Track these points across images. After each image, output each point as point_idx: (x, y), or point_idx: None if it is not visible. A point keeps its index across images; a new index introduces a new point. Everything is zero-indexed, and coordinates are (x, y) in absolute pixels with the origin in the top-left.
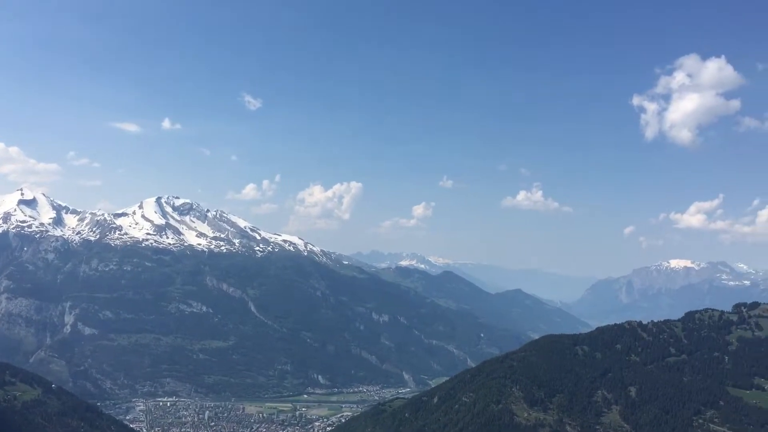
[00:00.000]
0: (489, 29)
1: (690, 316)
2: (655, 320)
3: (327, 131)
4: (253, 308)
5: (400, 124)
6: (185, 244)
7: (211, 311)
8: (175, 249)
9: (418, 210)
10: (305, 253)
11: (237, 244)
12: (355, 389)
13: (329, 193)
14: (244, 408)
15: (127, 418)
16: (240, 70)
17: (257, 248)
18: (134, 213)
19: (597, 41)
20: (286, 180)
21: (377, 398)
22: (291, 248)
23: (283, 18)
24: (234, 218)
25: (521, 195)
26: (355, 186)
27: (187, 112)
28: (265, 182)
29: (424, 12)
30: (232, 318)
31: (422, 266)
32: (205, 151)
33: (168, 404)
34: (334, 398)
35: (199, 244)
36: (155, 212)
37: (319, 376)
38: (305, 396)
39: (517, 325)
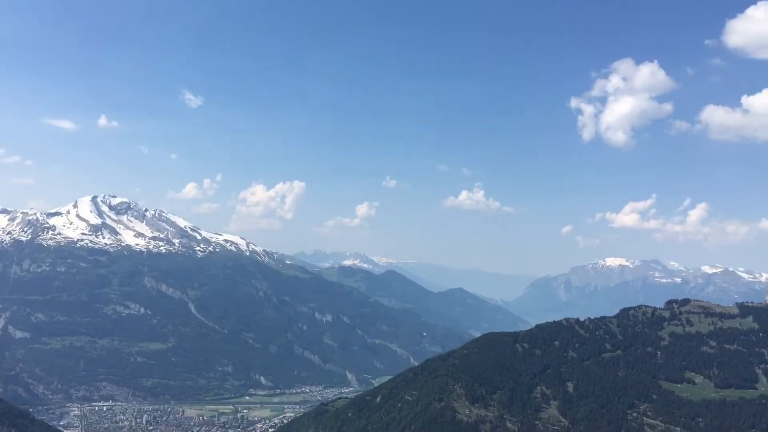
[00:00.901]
0: (430, 32)
1: (624, 312)
2: (592, 317)
3: (270, 130)
4: (193, 309)
5: (343, 124)
6: (122, 244)
7: (149, 313)
8: (111, 249)
9: (362, 209)
10: (247, 253)
11: (177, 244)
12: (298, 390)
13: (272, 192)
14: (183, 411)
15: (61, 423)
16: (180, 66)
17: (198, 248)
18: (68, 212)
19: (537, 44)
20: (227, 179)
21: (320, 398)
22: (233, 248)
23: (225, 13)
24: (174, 218)
25: (463, 195)
26: (298, 185)
27: (124, 110)
28: (207, 181)
29: (365, 13)
30: (171, 319)
31: (365, 266)
32: (144, 149)
33: (104, 409)
34: (276, 399)
35: (137, 244)
36: (91, 211)
37: (261, 377)
38: (247, 398)
39: (459, 324)
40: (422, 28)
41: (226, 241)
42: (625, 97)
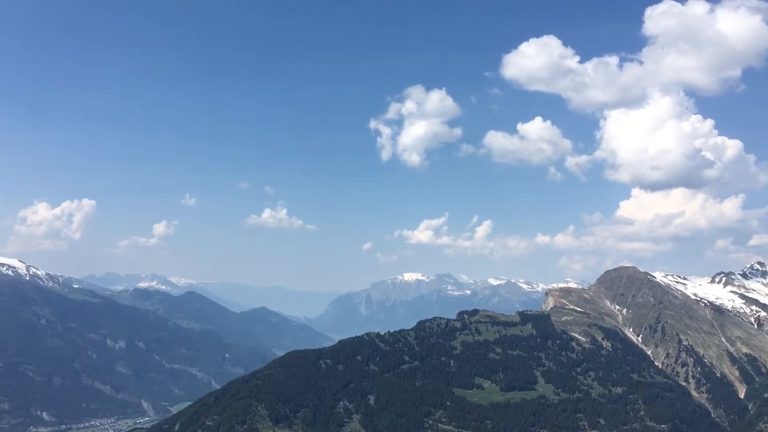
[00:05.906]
0: (229, 48)
1: (421, 324)
2: (392, 330)
3: (54, 143)
4: None
5: (136, 138)
6: None
7: None
8: None
9: (159, 228)
10: (27, 278)
11: None
12: (87, 423)
13: (57, 210)
14: None
15: None
16: None
17: None
18: None
19: (337, 65)
20: (3, 197)
21: (113, 431)
22: (9, 272)
23: None
24: None
25: (266, 213)
26: (87, 204)
27: None
28: None
29: (161, 20)
30: None
31: (163, 287)
32: None
33: None
34: None
35: None
36: None
37: (44, 413)
38: None
39: (263, 343)
40: (222, 43)
41: (2, 264)
42: (419, 121)
